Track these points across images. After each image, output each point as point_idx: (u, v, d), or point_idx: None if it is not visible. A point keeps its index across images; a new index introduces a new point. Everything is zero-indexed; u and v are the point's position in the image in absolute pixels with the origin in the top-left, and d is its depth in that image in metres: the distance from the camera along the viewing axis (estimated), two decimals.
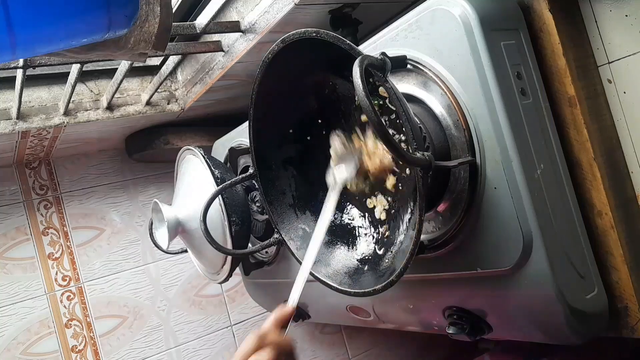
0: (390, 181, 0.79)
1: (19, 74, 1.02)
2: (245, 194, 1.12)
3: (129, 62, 1.07)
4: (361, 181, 0.79)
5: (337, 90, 0.84)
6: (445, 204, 0.77)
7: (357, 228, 0.86)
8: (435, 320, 0.88)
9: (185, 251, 1.25)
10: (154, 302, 1.58)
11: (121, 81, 1.17)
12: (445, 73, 0.74)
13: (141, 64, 1.22)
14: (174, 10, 1.06)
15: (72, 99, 1.23)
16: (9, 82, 1.20)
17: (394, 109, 0.74)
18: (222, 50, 1.14)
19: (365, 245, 0.84)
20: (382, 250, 0.81)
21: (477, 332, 0.80)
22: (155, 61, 1.37)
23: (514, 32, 0.75)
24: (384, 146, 0.60)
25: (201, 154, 1.09)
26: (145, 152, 1.50)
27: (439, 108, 0.76)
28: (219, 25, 1.05)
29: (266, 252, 1.22)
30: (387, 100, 0.76)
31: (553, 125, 0.76)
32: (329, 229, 0.87)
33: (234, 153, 1.22)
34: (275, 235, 0.91)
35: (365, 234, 0.85)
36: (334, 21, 0.99)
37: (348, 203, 0.88)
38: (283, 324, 0.68)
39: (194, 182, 1.11)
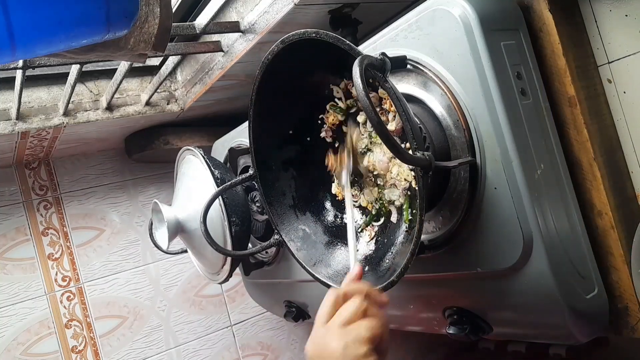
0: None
1: (18, 74, 1.02)
2: (245, 194, 1.12)
3: (129, 62, 1.06)
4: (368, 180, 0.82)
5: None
6: (445, 204, 0.77)
7: (357, 229, 0.86)
8: (436, 321, 0.88)
9: (185, 251, 1.25)
10: (154, 302, 1.58)
11: (121, 81, 1.17)
12: (445, 73, 0.74)
13: (141, 65, 1.22)
14: (173, 10, 1.06)
15: (71, 100, 1.23)
16: (8, 83, 1.20)
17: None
18: (222, 51, 1.14)
19: (365, 245, 0.83)
20: (382, 250, 0.81)
21: (478, 332, 0.80)
22: (154, 61, 1.37)
23: (514, 32, 0.75)
24: (385, 146, 0.60)
25: (201, 154, 1.09)
26: (145, 152, 1.50)
27: (439, 108, 0.76)
28: (218, 25, 1.05)
29: (266, 252, 1.22)
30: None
31: (553, 125, 0.76)
32: (328, 230, 0.87)
33: (234, 153, 1.22)
34: (276, 236, 0.91)
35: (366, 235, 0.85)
36: (333, 21, 0.99)
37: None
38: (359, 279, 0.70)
39: (194, 183, 1.11)
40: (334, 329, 0.62)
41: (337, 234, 0.86)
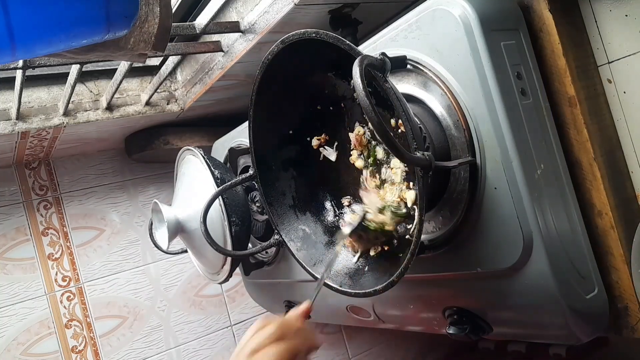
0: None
1: (18, 74, 1.02)
2: (245, 194, 1.12)
3: (129, 62, 1.06)
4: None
5: (337, 90, 0.84)
6: (445, 204, 0.77)
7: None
8: (436, 321, 0.88)
9: (185, 251, 1.25)
10: (154, 302, 1.57)
11: (121, 81, 1.17)
12: (445, 73, 0.74)
13: (141, 65, 1.22)
14: (173, 10, 1.06)
15: (71, 100, 1.22)
16: (8, 83, 1.20)
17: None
18: (222, 51, 1.14)
19: None
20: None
21: (478, 332, 0.80)
22: (154, 61, 1.36)
23: (514, 32, 0.75)
24: (385, 145, 0.60)
25: (201, 154, 1.09)
26: (145, 152, 1.50)
27: (439, 108, 0.76)
28: (218, 25, 1.05)
29: (266, 252, 1.22)
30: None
31: (553, 125, 0.76)
32: (328, 230, 0.88)
33: (234, 153, 1.22)
34: (276, 236, 0.91)
35: None
36: (333, 21, 0.99)
37: (349, 205, 0.88)
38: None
39: (194, 183, 1.11)
40: (242, 357, 0.61)
41: (337, 234, 0.86)
